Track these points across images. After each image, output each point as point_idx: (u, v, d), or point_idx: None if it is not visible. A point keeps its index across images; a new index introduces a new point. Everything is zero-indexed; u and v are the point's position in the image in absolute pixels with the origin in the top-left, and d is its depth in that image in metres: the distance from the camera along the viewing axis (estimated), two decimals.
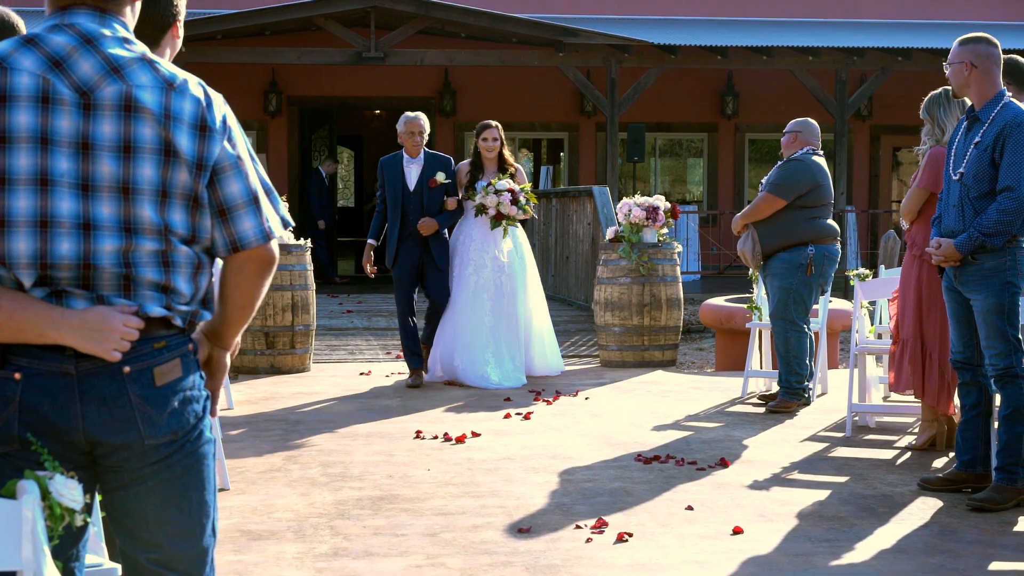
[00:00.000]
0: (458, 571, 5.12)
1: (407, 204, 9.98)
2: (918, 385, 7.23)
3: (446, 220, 10.12)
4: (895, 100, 21.42)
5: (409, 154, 10.07)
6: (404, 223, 9.97)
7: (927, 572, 5.13)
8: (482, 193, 9.96)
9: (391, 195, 10.02)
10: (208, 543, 2.86)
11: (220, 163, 2.77)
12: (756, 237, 8.71)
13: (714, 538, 5.63)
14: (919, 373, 7.19)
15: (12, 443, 2.67)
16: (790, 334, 8.67)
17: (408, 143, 10.05)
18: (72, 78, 2.68)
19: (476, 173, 10.18)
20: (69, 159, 2.66)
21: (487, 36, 19.34)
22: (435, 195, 10.00)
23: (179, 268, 2.75)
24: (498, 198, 9.91)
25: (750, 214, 8.80)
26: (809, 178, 8.73)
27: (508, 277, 10.12)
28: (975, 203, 6.00)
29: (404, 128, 10.08)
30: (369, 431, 8.05)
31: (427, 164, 10.04)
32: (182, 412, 2.76)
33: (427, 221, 9.90)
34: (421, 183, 9.99)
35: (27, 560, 2.42)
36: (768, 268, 8.82)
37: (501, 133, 10.29)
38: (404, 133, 10.07)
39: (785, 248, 8.70)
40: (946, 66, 6.20)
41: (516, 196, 9.95)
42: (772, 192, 8.71)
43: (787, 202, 8.66)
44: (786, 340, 8.69)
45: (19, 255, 2.64)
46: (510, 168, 10.21)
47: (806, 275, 8.65)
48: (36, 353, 2.66)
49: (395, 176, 10.05)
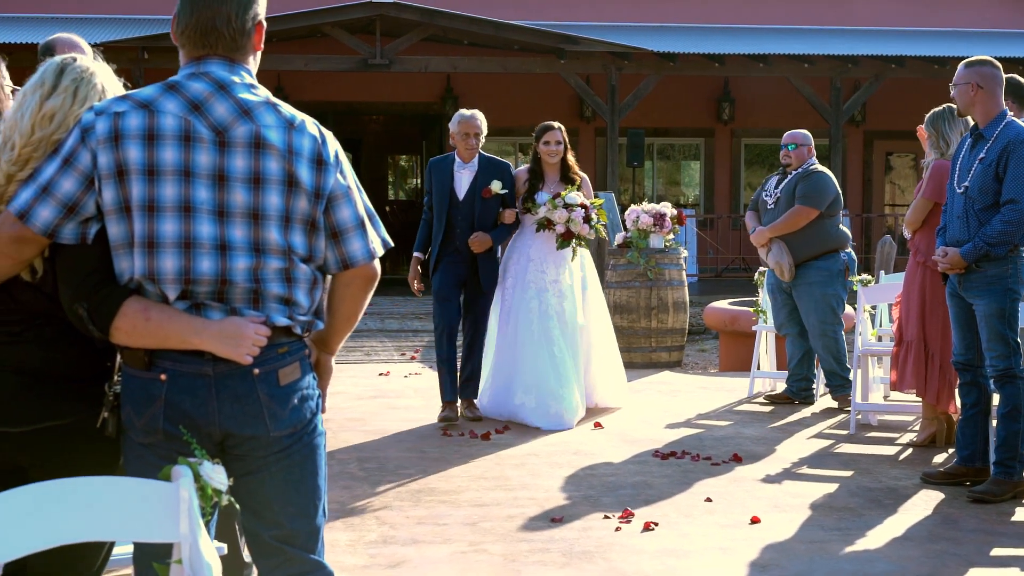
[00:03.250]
0: (500, 556, 5.54)
1: (454, 215, 8.60)
2: (920, 385, 7.66)
3: (501, 236, 8.73)
4: (888, 105, 21.90)
5: (461, 158, 8.67)
6: (448, 236, 8.62)
7: (932, 557, 5.57)
8: (547, 206, 8.59)
9: (437, 202, 8.65)
10: (320, 522, 3.28)
11: (334, 192, 3.19)
12: (787, 248, 9.07)
13: (733, 527, 6.05)
14: (922, 373, 7.62)
15: (157, 435, 3.09)
16: (838, 335, 9.10)
17: (461, 145, 8.66)
18: (209, 119, 3.10)
19: (535, 182, 8.82)
20: (207, 189, 3.08)
21: (490, 43, 19.75)
22: (489, 206, 8.61)
23: (299, 283, 3.17)
24: (569, 214, 8.55)
25: (783, 227, 9.04)
26: (834, 187, 9.16)
27: (571, 304, 8.78)
28: (979, 215, 6.46)
29: (458, 128, 8.67)
30: (398, 429, 8.47)
31: (481, 170, 8.63)
32: (301, 408, 3.18)
33: (480, 237, 8.52)
34: (473, 192, 8.59)
35: (184, 534, 2.82)
36: (803, 277, 9.10)
37: (565, 136, 8.91)
38: (458, 134, 8.67)
39: (817, 256, 9.06)
40: (952, 87, 6.62)
41: (589, 213, 8.62)
42: (808, 204, 8.99)
43: (820, 212, 9.05)
44: (836, 341, 9.09)
45: (166, 272, 3.06)
46: (576, 178, 8.88)
47: (844, 279, 9.09)
48: (178, 357, 3.08)
49: (443, 181, 8.65)
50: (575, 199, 8.57)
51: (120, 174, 3.04)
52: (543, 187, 8.79)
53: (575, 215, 8.52)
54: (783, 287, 9.26)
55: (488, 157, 8.71)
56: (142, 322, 3.05)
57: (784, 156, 9.26)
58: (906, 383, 7.72)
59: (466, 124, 8.62)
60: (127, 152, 3.04)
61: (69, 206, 3.05)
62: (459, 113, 8.76)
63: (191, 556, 2.79)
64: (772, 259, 9.12)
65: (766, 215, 9.22)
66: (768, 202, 9.24)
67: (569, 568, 5.39)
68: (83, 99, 3.20)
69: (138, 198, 3.05)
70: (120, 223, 3.06)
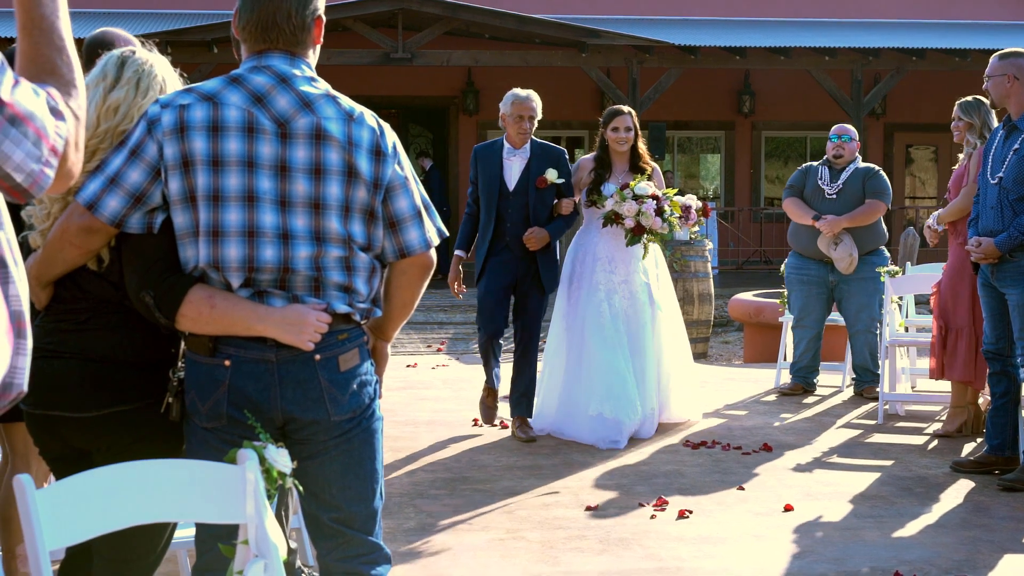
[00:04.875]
0: (538, 544, 5.62)
1: (504, 207, 7.67)
2: (971, 372, 7.64)
3: (558, 230, 7.75)
4: (908, 98, 21.93)
5: (512, 143, 7.73)
6: (499, 231, 7.69)
7: (966, 544, 5.63)
8: (615, 198, 7.72)
9: (485, 194, 7.72)
10: (378, 505, 3.35)
11: (392, 183, 3.26)
12: (853, 242, 9.09)
13: (767, 515, 6.12)
14: (973, 361, 7.61)
15: (220, 419, 3.17)
16: (876, 332, 9.14)
17: (513, 129, 7.69)
18: (271, 111, 3.17)
19: (602, 172, 7.97)
20: (270, 179, 3.16)
21: (511, 37, 19.82)
22: (543, 197, 7.69)
23: (358, 272, 3.24)
24: (639, 206, 7.67)
25: (860, 219, 9.02)
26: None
27: (644, 306, 7.93)
28: (1014, 205, 6.51)
29: (511, 110, 7.69)
30: (429, 419, 8.54)
31: (534, 158, 7.70)
32: (360, 393, 3.26)
33: (537, 232, 7.58)
34: (525, 181, 7.68)
35: (250, 515, 2.90)
36: (860, 271, 9.09)
37: (635, 121, 8.02)
38: (510, 116, 7.70)
39: (871, 252, 9.12)
40: (986, 78, 6.67)
41: (661, 205, 7.75)
42: (883, 200, 9.02)
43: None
44: (875, 337, 9.11)
45: (231, 260, 3.14)
46: (647, 167, 8.00)
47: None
48: (242, 343, 3.16)
49: (491, 170, 7.73)
50: (645, 189, 7.72)
51: (186, 165, 3.12)
52: (610, 177, 7.95)
53: (646, 207, 7.66)
54: (826, 281, 9.24)
55: (541, 143, 7.78)
56: (207, 309, 3.13)
57: (837, 148, 9.21)
58: (956, 372, 7.66)
59: (520, 105, 7.65)
60: (192, 143, 3.12)
61: (136, 196, 3.13)
62: (512, 93, 7.75)
63: (257, 536, 2.87)
64: (843, 250, 9.03)
65: (824, 205, 9.12)
66: (828, 192, 9.13)
67: (606, 555, 5.47)
68: (145, 90, 3.28)
69: (203, 188, 3.13)
70: (185, 212, 3.14)
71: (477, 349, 8.64)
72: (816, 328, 9.38)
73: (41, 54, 2.20)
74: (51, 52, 2.20)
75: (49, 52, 2.20)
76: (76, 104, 2.20)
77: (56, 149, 2.13)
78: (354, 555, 3.31)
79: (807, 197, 9.24)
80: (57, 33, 2.21)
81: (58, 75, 2.19)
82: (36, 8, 2.21)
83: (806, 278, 9.34)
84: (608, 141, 7.97)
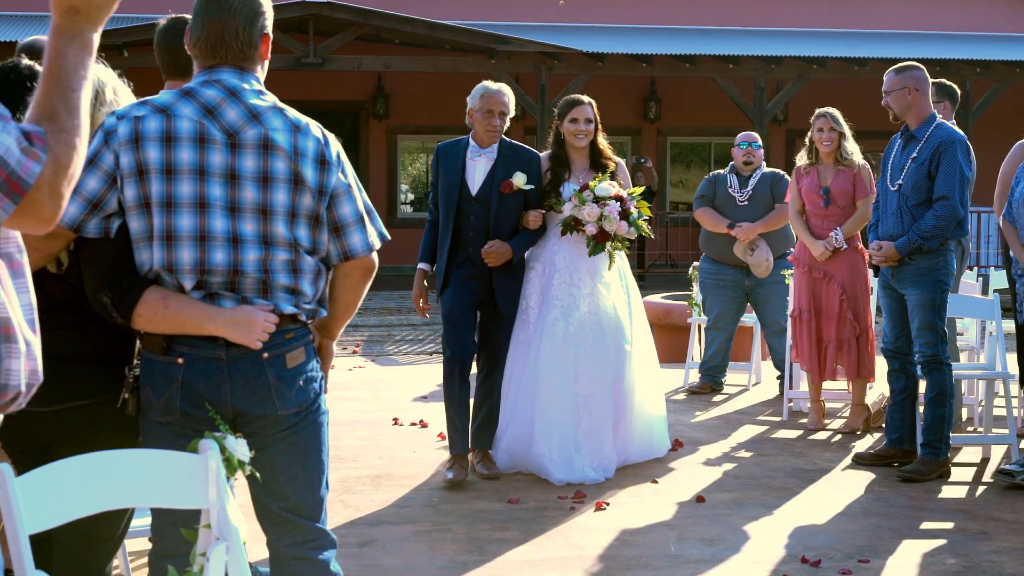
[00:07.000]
0: (464, 535, 5.84)
1: (465, 214, 6.78)
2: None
3: (522, 244, 6.84)
4: (810, 105, 22.21)
5: (478, 142, 6.81)
6: (458, 242, 6.80)
7: (868, 531, 5.96)
8: (574, 201, 6.75)
9: (444, 198, 6.81)
10: (323, 494, 3.55)
11: (336, 190, 3.47)
12: (767, 246, 9.35)
13: (680, 506, 6.40)
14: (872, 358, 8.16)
15: (174, 414, 3.36)
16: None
17: (481, 126, 6.77)
18: (222, 123, 3.36)
19: (560, 171, 6.99)
20: (220, 187, 3.35)
21: (421, 43, 20.00)
22: (508, 205, 6.77)
23: (304, 274, 3.45)
24: (601, 209, 6.72)
25: (772, 224, 9.34)
26: None
27: (610, 322, 6.93)
28: (913, 211, 6.89)
29: (479, 104, 6.76)
30: (349, 419, 8.72)
31: (501, 159, 6.78)
32: (306, 389, 3.46)
33: (497, 246, 6.68)
34: (490, 186, 6.76)
35: (212, 500, 3.08)
36: (772, 274, 9.39)
37: (596, 113, 7.05)
38: (478, 111, 6.76)
39: (782, 256, 9.40)
40: (885, 94, 7.01)
41: (626, 206, 6.80)
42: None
43: None
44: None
45: (184, 263, 3.33)
46: (609, 164, 7.03)
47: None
48: (194, 342, 3.35)
49: (452, 171, 6.82)
50: (607, 190, 6.75)
51: (140, 173, 3.30)
52: (570, 177, 6.99)
53: (609, 210, 6.70)
54: (742, 285, 9.52)
55: (512, 143, 6.85)
56: (161, 310, 3.31)
57: (747, 154, 9.51)
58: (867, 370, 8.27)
59: (490, 99, 6.73)
60: (147, 153, 3.30)
61: (93, 203, 3.30)
62: (482, 85, 6.84)
63: (219, 520, 3.06)
64: (760, 255, 9.30)
65: (736, 212, 9.38)
66: (739, 199, 9.40)
67: (530, 544, 5.71)
68: (101, 103, 3.45)
69: (157, 195, 3.31)
70: (141, 218, 3.32)
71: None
72: (730, 330, 9.70)
73: (48, 100, 2.40)
74: (57, 100, 2.40)
75: (55, 100, 2.40)
76: (63, 151, 2.38)
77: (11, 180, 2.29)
78: (302, 541, 3.51)
79: (718, 205, 9.50)
80: (71, 86, 2.41)
81: (55, 120, 2.39)
82: (57, 59, 2.43)
83: (722, 283, 9.62)
84: (565, 135, 7.01)
